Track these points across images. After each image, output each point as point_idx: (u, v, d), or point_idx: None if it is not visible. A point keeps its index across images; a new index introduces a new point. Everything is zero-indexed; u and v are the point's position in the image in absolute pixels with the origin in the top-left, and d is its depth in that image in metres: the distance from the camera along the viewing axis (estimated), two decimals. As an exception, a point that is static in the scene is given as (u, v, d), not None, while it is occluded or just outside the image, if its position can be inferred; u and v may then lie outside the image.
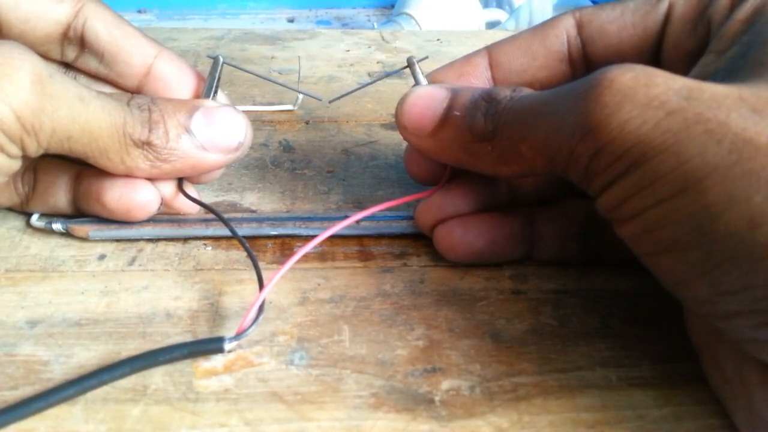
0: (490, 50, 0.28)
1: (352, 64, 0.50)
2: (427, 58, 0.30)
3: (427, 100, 0.26)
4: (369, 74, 0.48)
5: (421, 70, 0.29)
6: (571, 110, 0.20)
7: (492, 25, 1.29)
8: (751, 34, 0.21)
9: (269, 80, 0.31)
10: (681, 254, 0.18)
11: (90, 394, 0.22)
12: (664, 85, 0.18)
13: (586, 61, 0.27)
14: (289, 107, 0.42)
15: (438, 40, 0.55)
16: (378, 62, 0.50)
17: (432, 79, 0.29)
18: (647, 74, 0.19)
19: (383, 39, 0.55)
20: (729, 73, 0.20)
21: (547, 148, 0.21)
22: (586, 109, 0.19)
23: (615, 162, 0.19)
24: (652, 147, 0.18)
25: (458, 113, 0.25)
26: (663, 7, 0.25)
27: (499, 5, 1.36)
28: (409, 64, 0.29)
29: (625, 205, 0.19)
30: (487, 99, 0.24)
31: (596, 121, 0.19)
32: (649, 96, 0.18)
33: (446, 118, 0.25)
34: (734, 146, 0.17)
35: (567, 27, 0.27)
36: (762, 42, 0.20)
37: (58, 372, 0.23)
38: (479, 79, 0.28)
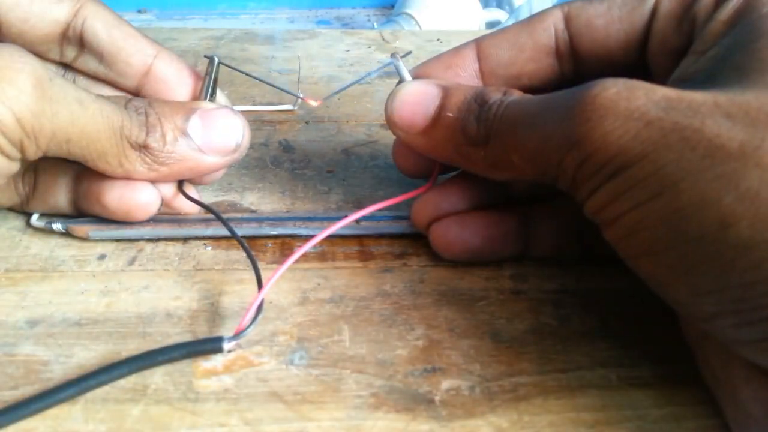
0: (478, 43, 0.28)
1: (352, 64, 0.50)
2: (410, 53, 0.30)
3: (419, 97, 0.26)
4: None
5: (405, 66, 0.28)
6: (559, 124, 0.21)
7: (492, 24, 1.29)
8: (731, 37, 0.22)
9: (261, 81, 0.31)
10: (659, 256, 0.19)
11: (90, 394, 0.22)
12: (644, 98, 0.19)
13: (573, 55, 0.27)
14: (289, 107, 0.42)
15: (438, 40, 0.55)
16: (378, 62, 0.50)
17: (420, 72, 0.29)
18: (629, 88, 0.19)
19: (383, 39, 0.55)
20: (709, 76, 0.21)
21: (537, 158, 0.22)
22: (572, 123, 0.20)
23: (598, 171, 0.20)
24: (632, 155, 0.19)
25: (451, 114, 0.25)
26: (650, 3, 0.26)
27: (499, 5, 1.37)
28: (393, 60, 0.29)
29: (607, 209, 0.20)
30: (480, 102, 0.24)
31: (581, 134, 0.20)
32: (629, 108, 0.19)
33: (438, 117, 0.25)
34: (707, 152, 0.17)
35: (555, 20, 0.27)
36: (741, 46, 0.21)
37: (58, 372, 0.23)
38: (467, 71, 0.28)
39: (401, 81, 0.28)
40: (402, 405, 0.22)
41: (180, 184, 0.29)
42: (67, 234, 0.29)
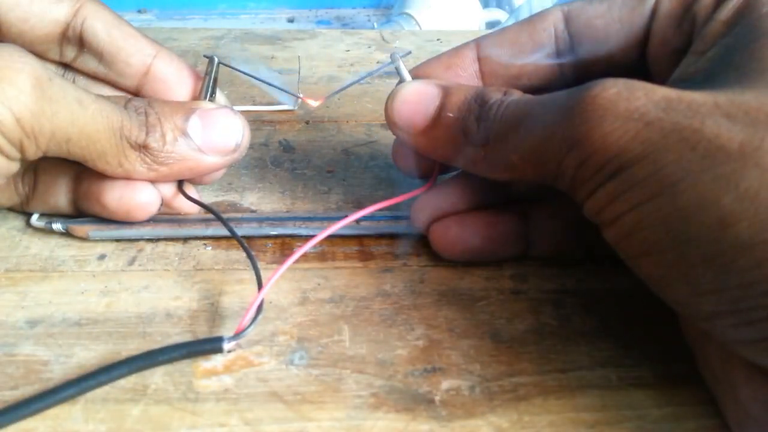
0: (478, 43, 0.28)
1: (352, 64, 0.50)
2: (410, 53, 0.30)
3: (419, 97, 0.26)
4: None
5: (405, 66, 0.28)
6: (558, 125, 0.21)
7: (492, 25, 1.29)
8: (731, 37, 0.22)
9: (261, 81, 0.31)
10: (659, 256, 0.19)
11: (90, 394, 0.22)
12: (644, 98, 0.19)
13: (573, 55, 0.27)
14: (289, 107, 0.42)
15: (438, 40, 0.55)
16: (378, 62, 0.50)
17: (420, 72, 0.29)
18: (629, 88, 0.19)
19: (383, 39, 0.55)
20: (708, 76, 0.21)
21: (536, 159, 0.22)
22: (572, 123, 0.20)
23: (598, 171, 0.20)
24: (632, 156, 0.19)
25: (451, 114, 0.25)
26: (650, 3, 0.26)
27: (499, 5, 1.37)
28: (393, 60, 0.29)
29: (607, 209, 0.20)
30: (480, 102, 0.24)
31: (581, 135, 0.20)
32: (629, 109, 0.19)
33: (438, 117, 0.25)
34: (707, 152, 0.18)
35: (555, 21, 0.27)
36: (741, 46, 0.21)
37: (58, 372, 0.23)
38: (467, 71, 0.28)
39: (401, 81, 0.28)
40: (402, 405, 0.22)
41: (180, 184, 0.29)
42: (67, 234, 0.29)
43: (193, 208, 0.30)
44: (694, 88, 0.19)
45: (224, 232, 0.28)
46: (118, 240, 0.29)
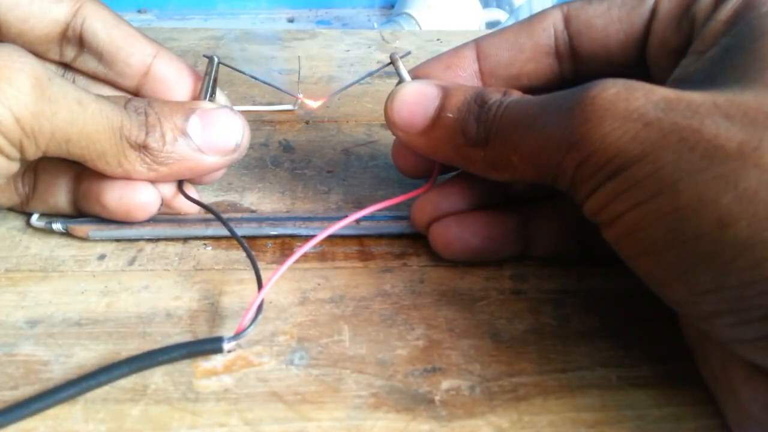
0: (478, 43, 0.28)
1: (352, 64, 0.50)
2: (410, 53, 0.30)
3: (419, 97, 0.26)
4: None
5: (404, 66, 0.28)
6: (558, 125, 0.21)
7: (492, 25, 1.29)
8: (730, 37, 0.22)
9: (261, 81, 0.31)
10: (658, 256, 0.19)
11: (90, 394, 0.22)
12: (643, 98, 0.19)
13: (573, 55, 0.27)
14: (289, 107, 0.42)
15: (438, 40, 0.55)
16: (378, 62, 0.50)
17: (419, 72, 0.29)
18: (628, 89, 0.20)
19: (383, 39, 0.55)
20: (708, 76, 0.21)
21: (536, 159, 0.22)
22: (571, 124, 0.20)
23: (598, 171, 0.20)
24: (631, 156, 0.19)
25: (451, 115, 0.25)
26: (649, 3, 0.26)
27: (499, 5, 1.36)
28: (392, 61, 0.29)
29: (606, 209, 0.20)
30: (479, 102, 0.24)
31: (580, 135, 0.20)
32: (628, 109, 0.19)
33: (438, 118, 0.25)
34: (706, 152, 0.18)
35: (554, 20, 0.27)
36: (740, 46, 0.21)
37: (58, 372, 0.23)
38: (466, 71, 0.28)
39: (401, 81, 0.28)
40: (402, 405, 0.22)
41: (180, 184, 0.29)
42: (67, 234, 0.29)
43: (193, 208, 0.30)
44: (693, 88, 0.19)
45: (224, 232, 0.28)
46: (118, 240, 0.29)
